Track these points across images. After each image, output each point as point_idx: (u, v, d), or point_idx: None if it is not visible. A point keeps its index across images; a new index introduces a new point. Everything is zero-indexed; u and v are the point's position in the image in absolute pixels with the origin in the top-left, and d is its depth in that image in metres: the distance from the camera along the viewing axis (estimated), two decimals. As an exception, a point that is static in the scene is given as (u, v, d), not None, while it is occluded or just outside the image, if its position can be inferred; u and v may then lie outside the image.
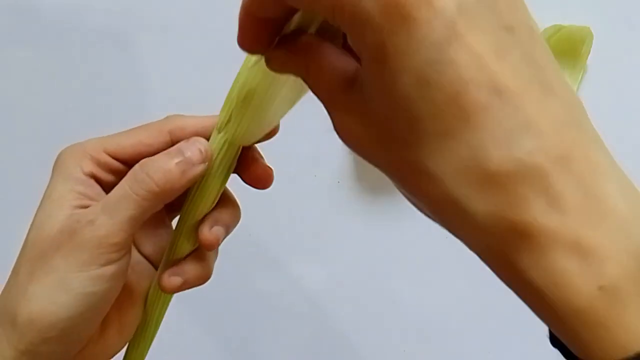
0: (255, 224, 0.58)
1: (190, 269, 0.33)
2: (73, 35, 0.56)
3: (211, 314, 0.59)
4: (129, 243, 0.30)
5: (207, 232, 0.32)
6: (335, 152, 0.57)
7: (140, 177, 0.29)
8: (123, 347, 0.34)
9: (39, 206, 0.31)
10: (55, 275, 0.29)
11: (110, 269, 0.29)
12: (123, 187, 0.30)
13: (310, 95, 0.60)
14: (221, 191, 0.33)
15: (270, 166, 0.34)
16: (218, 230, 0.33)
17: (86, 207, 0.30)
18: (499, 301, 0.61)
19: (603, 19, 0.57)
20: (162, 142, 0.32)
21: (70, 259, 0.29)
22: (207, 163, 0.31)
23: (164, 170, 0.29)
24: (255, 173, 0.34)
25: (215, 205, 0.33)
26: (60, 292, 0.29)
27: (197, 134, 0.32)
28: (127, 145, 0.32)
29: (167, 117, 0.33)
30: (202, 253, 0.34)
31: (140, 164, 0.30)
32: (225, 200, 0.34)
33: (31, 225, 0.31)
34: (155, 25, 0.56)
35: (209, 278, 0.35)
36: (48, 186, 0.31)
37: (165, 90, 0.56)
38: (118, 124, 0.37)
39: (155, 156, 0.30)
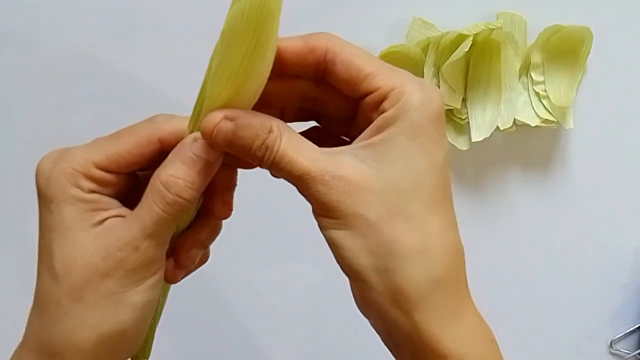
0: (255, 224, 0.58)
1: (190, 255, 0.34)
2: (73, 35, 0.56)
3: (211, 314, 0.59)
4: (165, 249, 0.31)
5: (184, 256, 0.33)
6: (335, 152, 0.57)
7: (171, 199, 0.29)
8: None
9: (54, 237, 0.30)
10: (113, 298, 0.29)
11: (158, 275, 0.31)
12: (156, 211, 0.29)
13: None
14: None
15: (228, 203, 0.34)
16: (195, 252, 0.33)
17: (104, 219, 0.30)
18: (498, 301, 0.61)
19: (603, 19, 0.57)
20: (154, 151, 0.31)
21: (125, 281, 0.29)
22: (216, 151, 0.30)
23: (190, 183, 0.29)
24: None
25: (196, 224, 0.33)
26: (124, 309, 0.29)
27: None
28: (118, 157, 0.31)
29: (152, 121, 0.32)
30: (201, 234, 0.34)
31: (164, 184, 0.29)
32: (204, 218, 0.34)
33: (53, 257, 0.30)
34: (155, 25, 0.56)
35: (206, 260, 0.35)
36: (52, 213, 0.30)
37: (166, 90, 0.56)
38: (118, 123, 0.37)
39: (174, 170, 0.30)
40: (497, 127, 0.55)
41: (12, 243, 0.58)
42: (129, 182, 0.32)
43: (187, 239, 0.33)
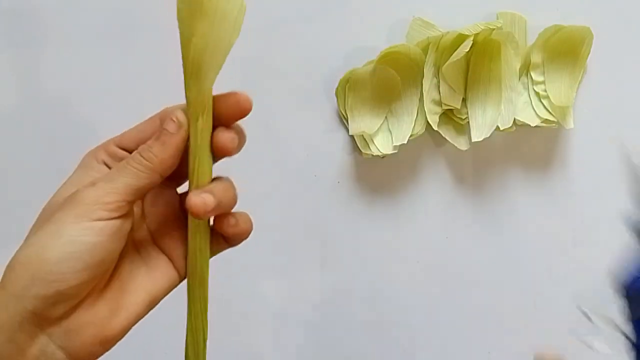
0: (255, 223, 0.58)
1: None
2: (73, 35, 0.56)
3: (211, 314, 0.59)
4: (122, 207, 0.33)
5: (196, 197, 0.35)
6: (335, 152, 0.58)
7: (135, 155, 0.34)
8: (116, 333, 0.34)
9: (61, 187, 0.36)
10: (53, 225, 0.32)
11: (100, 224, 0.33)
12: (122, 162, 0.35)
13: (310, 96, 0.60)
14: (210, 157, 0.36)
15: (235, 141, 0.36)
16: (208, 197, 0.35)
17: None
18: (498, 301, 0.61)
19: (603, 19, 0.57)
20: (155, 126, 0.36)
21: (67, 212, 0.33)
22: (183, 128, 0.34)
23: (149, 146, 0.34)
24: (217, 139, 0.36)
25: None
26: (53, 238, 0.32)
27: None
28: (129, 135, 0.37)
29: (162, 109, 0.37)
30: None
31: (138, 149, 0.35)
32: (220, 179, 0.37)
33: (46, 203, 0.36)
34: (156, 25, 0.56)
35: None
36: (70, 176, 0.37)
37: (165, 90, 0.56)
38: (118, 123, 0.37)
39: (148, 141, 0.35)
40: (497, 127, 0.55)
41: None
42: None
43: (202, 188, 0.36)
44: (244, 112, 0.36)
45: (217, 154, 0.36)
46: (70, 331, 0.33)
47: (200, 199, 0.34)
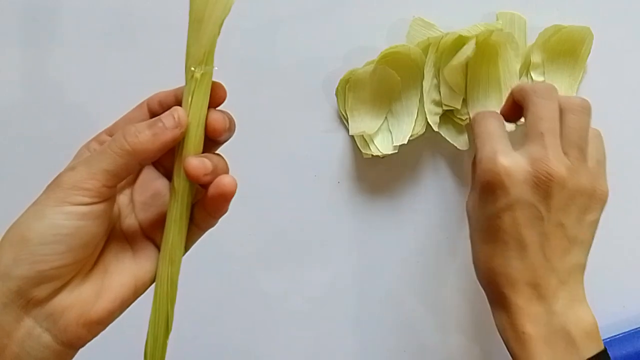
0: (255, 223, 0.58)
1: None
2: (73, 35, 0.56)
3: (211, 313, 0.59)
4: (102, 193, 0.34)
5: (194, 160, 0.35)
6: (335, 152, 0.58)
7: (117, 137, 0.34)
8: (100, 315, 0.35)
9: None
10: (35, 208, 0.33)
11: (81, 208, 0.33)
12: (104, 145, 0.34)
13: (310, 96, 0.60)
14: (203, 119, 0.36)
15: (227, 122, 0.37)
16: (205, 161, 0.35)
17: None
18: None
19: (603, 19, 0.57)
20: (143, 113, 0.38)
21: (49, 195, 0.33)
22: (180, 128, 0.34)
23: (137, 132, 0.34)
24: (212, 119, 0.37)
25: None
26: (35, 219, 0.33)
27: (167, 100, 0.37)
28: (118, 124, 0.38)
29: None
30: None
31: (121, 129, 0.35)
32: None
33: None
34: (156, 25, 0.55)
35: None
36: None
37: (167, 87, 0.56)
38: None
39: (137, 123, 0.35)
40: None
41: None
42: None
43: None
44: (220, 100, 0.37)
45: (210, 132, 0.36)
46: (54, 313, 0.33)
47: (199, 161, 0.35)
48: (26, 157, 0.56)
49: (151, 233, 0.38)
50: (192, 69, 0.34)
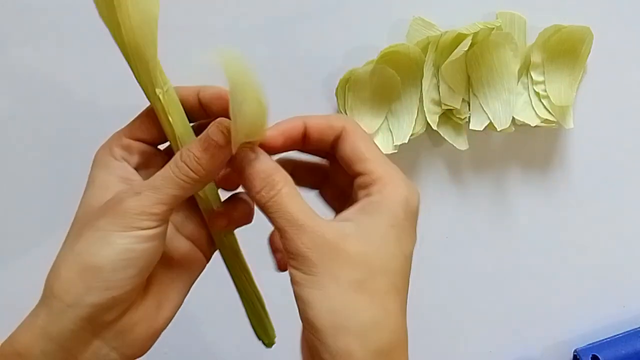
0: (255, 223, 0.58)
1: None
2: (73, 35, 0.56)
3: (212, 312, 0.59)
4: (167, 217, 0.34)
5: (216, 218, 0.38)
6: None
7: (180, 164, 0.33)
8: (163, 325, 0.36)
9: (84, 193, 0.35)
10: (100, 233, 0.32)
11: (148, 232, 0.33)
12: (167, 170, 0.34)
13: (310, 96, 0.60)
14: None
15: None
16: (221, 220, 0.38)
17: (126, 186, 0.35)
18: (498, 300, 0.61)
19: (603, 19, 0.57)
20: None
21: (115, 221, 0.32)
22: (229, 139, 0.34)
23: (198, 158, 0.33)
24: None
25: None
26: (104, 247, 0.32)
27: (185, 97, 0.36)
28: (138, 125, 0.37)
29: None
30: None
31: (180, 152, 0.34)
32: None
33: (78, 207, 0.35)
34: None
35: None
36: (89, 177, 0.36)
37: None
38: (118, 123, 0.37)
39: (191, 144, 0.34)
40: (495, 128, 0.55)
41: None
42: (156, 160, 0.37)
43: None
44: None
45: None
46: (123, 332, 0.34)
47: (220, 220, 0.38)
48: (25, 157, 0.57)
49: (185, 229, 0.38)
50: (157, 91, 0.35)
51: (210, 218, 0.38)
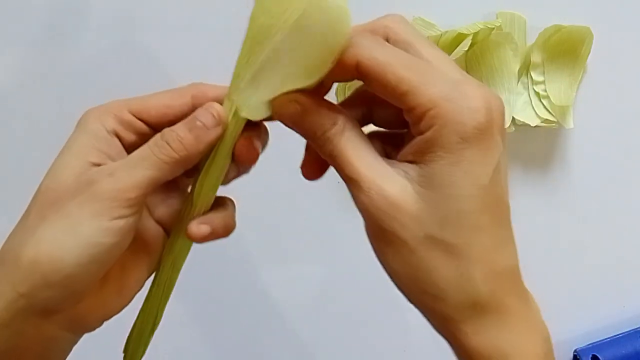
0: (256, 223, 0.58)
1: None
2: (73, 35, 0.56)
3: (212, 312, 0.59)
4: (142, 202, 0.31)
5: (195, 227, 0.33)
6: (335, 152, 0.57)
7: (161, 143, 0.31)
8: (119, 309, 0.34)
9: (57, 156, 0.32)
10: (67, 220, 0.30)
11: (120, 222, 0.30)
12: (145, 149, 0.31)
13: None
14: (228, 162, 0.33)
15: (258, 150, 0.35)
16: (204, 228, 0.33)
17: (104, 165, 0.31)
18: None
19: (603, 19, 0.57)
20: (184, 104, 0.33)
21: (84, 207, 0.30)
22: (221, 126, 0.32)
23: (181, 137, 0.31)
24: (239, 146, 0.34)
25: (211, 208, 0.34)
26: (70, 237, 0.29)
27: (218, 101, 0.32)
28: (151, 105, 0.33)
29: (191, 83, 0.34)
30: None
31: (161, 133, 0.31)
32: (220, 204, 0.35)
33: (47, 173, 0.32)
34: (156, 25, 0.56)
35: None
36: (69, 139, 0.32)
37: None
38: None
39: (175, 125, 0.31)
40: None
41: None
42: None
43: (202, 216, 0.34)
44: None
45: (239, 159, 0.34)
46: (77, 317, 0.32)
47: (197, 228, 0.33)
48: (25, 156, 0.56)
49: (159, 213, 0.35)
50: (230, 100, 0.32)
51: (190, 220, 0.34)
